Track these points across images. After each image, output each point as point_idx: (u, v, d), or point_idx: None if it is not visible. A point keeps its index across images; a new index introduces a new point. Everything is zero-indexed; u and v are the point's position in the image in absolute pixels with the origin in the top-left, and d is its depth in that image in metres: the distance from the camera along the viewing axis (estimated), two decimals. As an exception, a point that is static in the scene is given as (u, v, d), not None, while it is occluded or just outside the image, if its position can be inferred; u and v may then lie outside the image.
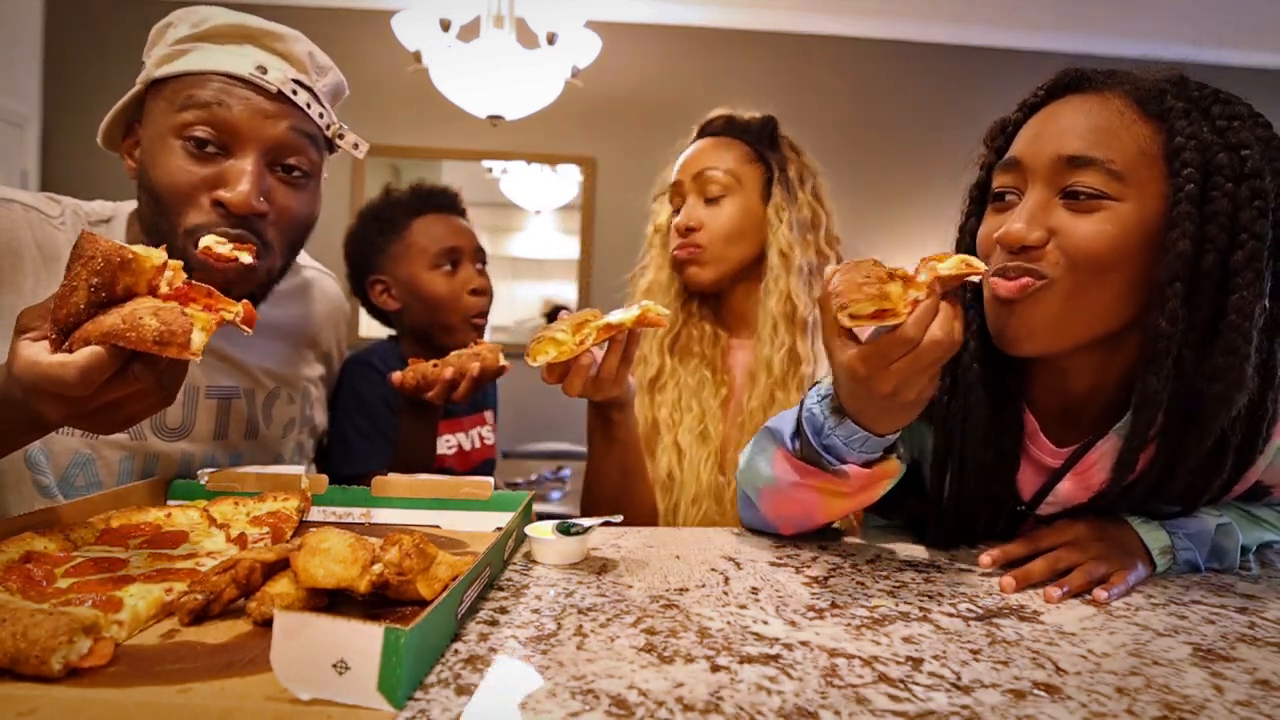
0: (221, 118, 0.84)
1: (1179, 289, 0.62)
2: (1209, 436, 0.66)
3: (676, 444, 1.19)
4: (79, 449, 0.88)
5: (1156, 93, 0.67)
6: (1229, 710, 0.46)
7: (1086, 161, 0.64)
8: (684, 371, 1.23)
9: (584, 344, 0.80)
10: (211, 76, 0.86)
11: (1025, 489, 0.78)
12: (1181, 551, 0.75)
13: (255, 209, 0.85)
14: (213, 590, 0.53)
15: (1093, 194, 0.64)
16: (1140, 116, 0.66)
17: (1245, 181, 0.62)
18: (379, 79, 3.65)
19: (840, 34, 3.96)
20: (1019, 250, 0.66)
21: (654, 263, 1.31)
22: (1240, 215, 0.62)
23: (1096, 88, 0.69)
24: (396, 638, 0.40)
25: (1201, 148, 0.63)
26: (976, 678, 0.49)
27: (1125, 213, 0.64)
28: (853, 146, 3.87)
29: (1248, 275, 0.61)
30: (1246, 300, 0.61)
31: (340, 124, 0.97)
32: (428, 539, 0.58)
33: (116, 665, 0.46)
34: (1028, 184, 0.68)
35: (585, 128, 3.74)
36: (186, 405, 0.95)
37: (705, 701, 0.45)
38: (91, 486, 0.89)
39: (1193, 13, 3.70)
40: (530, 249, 4.11)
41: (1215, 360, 0.63)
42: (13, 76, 3.60)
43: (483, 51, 2.55)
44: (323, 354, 1.15)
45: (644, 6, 3.83)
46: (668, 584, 0.67)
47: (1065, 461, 0.75)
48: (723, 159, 1.22)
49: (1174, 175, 0.64)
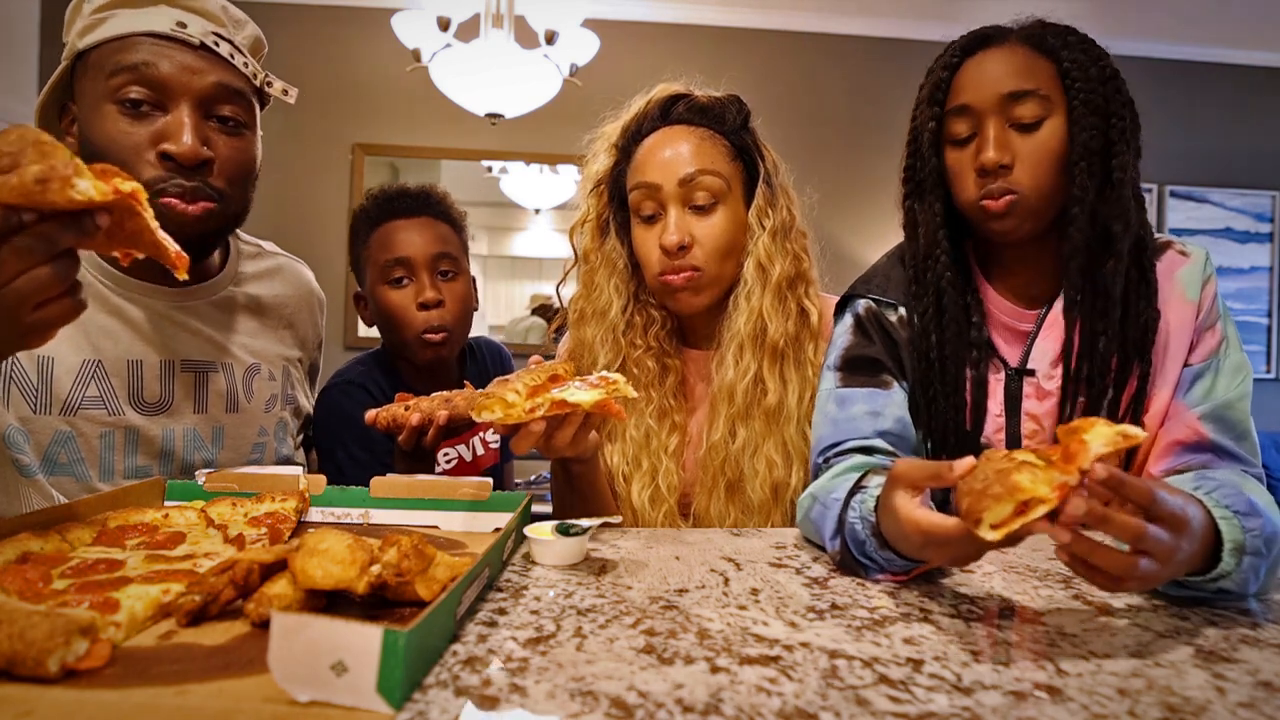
0: (151, 75, 0.87)
1: (1083, 166, 0.84)
2: (1124, 257, 0.86)
3: (631, 503, 1.07)
4: (59, 427, 0.89)
5: (1040, 36, 0.88)
6: (1231, 712, 0.45)
7: (1024, 94, 0.85)
8: (629, 421, 1.08)
9: (534, 413, 0.75)
10: (135, 38, 0.88)
11: (1010, 356, 0.93)
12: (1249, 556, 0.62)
13: (200, 156, 0.88)
14: (210, 591, 0.53)
15: (1035, 120, 0.85)
16: (1038, 54, 0.87)
17: (1108, 82, 0.86)
18: (379, 78, 3.64)
19: (840, 32, 3.96)
20: (995, 170, 0.85)
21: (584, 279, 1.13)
22: (1110, 105, 0.86)
23: (1000, 40, 0.89)
24: (395, 639, 0.40)
25: (1080, 66, 0.85)
26: (977, 679, 0.49)
27: (1054, 125, 0.85)
28: (852, 144, 3.87)
29: (1121, 144, 0.85)
30: (1124, 161, 0.85)
31: (266, 73, 0.98)
32: (426, 540, 0.58)
33: (114, 666, 0.46)
34: (982, 122, 0.87)
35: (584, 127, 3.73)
36: (162, 379, 0.96)
37: (705, 703, 0.44)
38: (75, 463, 0.90)
39: (1193, 13, 3.71)
40: (530, 248, 4.11)
41: (1112, 206, 0.86)
42: (11, 76, 3.59)
43: (482, 50, 2.55)
44: (299, 338, 1.15)
45: (643, 6, 3.83)
46: (667, 585, 0.67)
47: (1035, 323, 0.92)
48: (708, 158, 1.04)
49: (1069, 89, 0.85)
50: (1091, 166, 0.85)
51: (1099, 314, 0.87)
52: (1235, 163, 4.06)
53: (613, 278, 1.11)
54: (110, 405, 0.92)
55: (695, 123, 1.07)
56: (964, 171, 0.89)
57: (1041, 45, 0.87)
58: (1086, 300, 0.87)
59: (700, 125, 1.07)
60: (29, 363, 0.89)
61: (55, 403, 0.89)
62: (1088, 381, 0.88)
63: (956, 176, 0.90)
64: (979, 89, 0.87)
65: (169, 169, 0.87)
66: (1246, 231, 4.10)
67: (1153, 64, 3.95)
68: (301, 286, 1.17)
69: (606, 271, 1.11)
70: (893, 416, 0.90)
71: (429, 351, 1.22)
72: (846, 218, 3.65)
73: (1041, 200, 0.86)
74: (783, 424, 1.04)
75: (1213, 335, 0.88)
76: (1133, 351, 0.87)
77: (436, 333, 1.21)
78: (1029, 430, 0.92)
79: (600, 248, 1.12)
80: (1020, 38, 0.88)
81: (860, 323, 0.97)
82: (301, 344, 1.15)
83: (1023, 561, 0.78)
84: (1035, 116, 0.85)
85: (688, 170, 1.03)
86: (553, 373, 0.79)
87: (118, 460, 0.92)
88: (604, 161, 1.13)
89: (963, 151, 0.89)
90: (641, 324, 1.11)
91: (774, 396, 1.04)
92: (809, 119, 3.82)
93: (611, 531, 0.86)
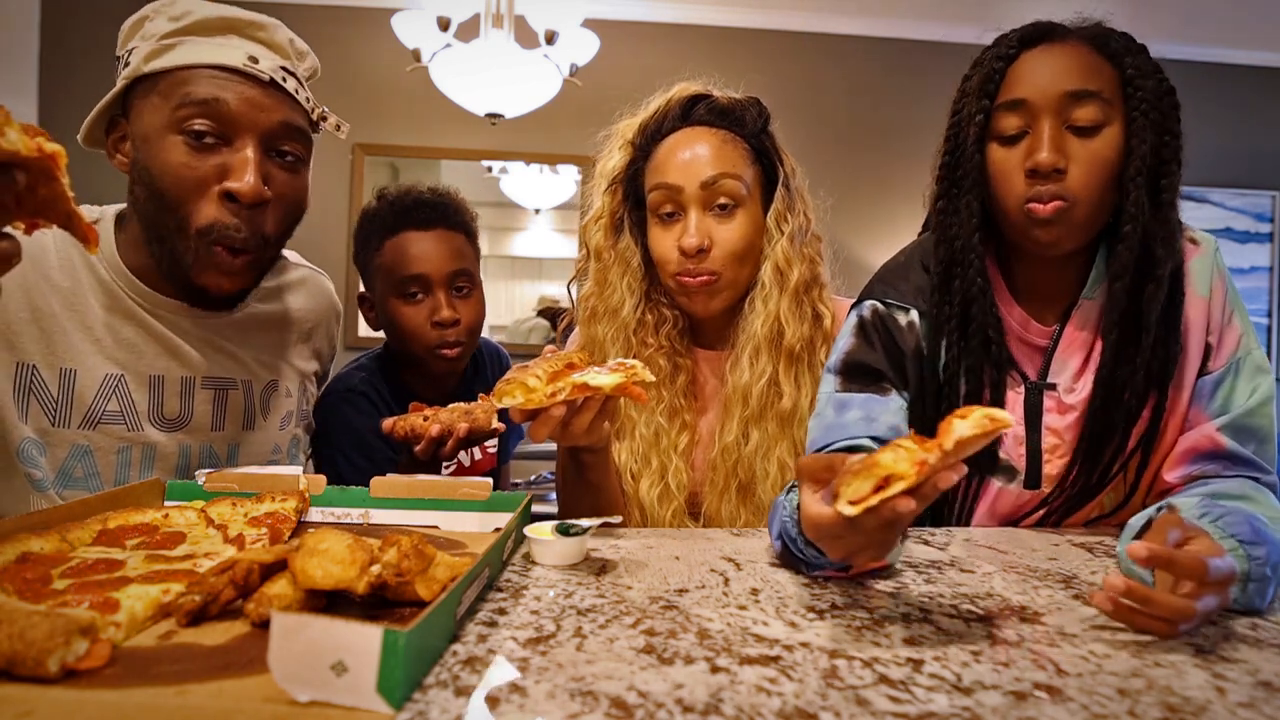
0: (220, 110, 0.86)
1: (1140, 182, 0.80)
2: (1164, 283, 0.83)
3: (640, 501, 1.07)
4: (76, 441, 0.89)
5: (1104, 38, 0.84)
6: (1231, 712, 0.45)
7: (1088, 95, 0.80)
8: (639, 419, 1.09)
9: (554, 397, 0.76)
10: (204, 70, 0.87)
11: (1029, 369, 0.91)
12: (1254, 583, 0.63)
13: (263, 196, 0.87)
14: (210, 591, 0.53)
15: (1094, 124, 0.80)
16: (1102, 57, 0.82)
17: (1166, 97, 0.82)
18: (379, 78, 3.64)
19: (840, 32, 3.96)
20: (1049, 174, 0.80)
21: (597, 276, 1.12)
22: (1166, 122, 0.81)
23: (1062, 37, 0.84)
24: (395, 639, 0.40)
25: (1143, 76, 0.81)
26: (977, 679, 0.49)
27: (1113, 134, 0.81)
28: (852, 144, 3.87)
29: (1173, 164, 0.82)
30: (1173, 182, 0.82)
31: (322, 106, 0.98)
32: (426, 540, 0.58)
33: (114, 667, 0.46)
34: (1036, 120, 0.81)
35: (584, 127, 3.72)
36: (183, 395, 0.95)
37: (705, 703, 0.44)
38: (90, 477, 0.90)
39: (1193, 12, 3.71)
40: (530, 248, 4.11)
41: (1160, 227, 0.82)
42: (12, 76, 3.59)
43: (482, 50, 2.56)
44: (316, 351, 1.15)
45: (643, 6, 3.83)
46: (667, 585, 0.67)
47: (1052, 337, 0.90)
48: (730, 161, 1.04)
49: (1129, 98, 0.81)
50: (1147, 183, 0.80)
51: (1131, 338, 0.84)
52: (1235, 163, 4.06)
53: (626, 275, 1.10)
54: (130, 420, 0.92)
55: (716, 125, 1.07)
56: (1011, 171, 0.83)
57: (1105, 48, 0.83)
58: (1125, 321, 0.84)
59: (721, 127, 1.06)
60: (50, 375, 0.88)
61: (75, 416, 0.89)
62: (1106, 401, 0.86)
63: (1001, 176, 0.84)
64: (1038, 84, 0.81)
65: (230, 210, 0.87)
66: (1246, 231, 4.11)
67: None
68: (323, 300, 1.16)
69: (620, 269, 1.10)
70: (886, 424, 0.87)
71: (442, 365, 1.22)
72: (846, 218, 3.64)
73: (1091, 211, 0.81)
74: (795, 427, 1.05)
75: (1231, 334, 0.86)
76: (1153, 382, 0.85)
77: (451, 348, 1.20)
78: (1050, 444, 0.90)
79: (614, 245, 1.12)
80: (1083, 37, 0.84)
81: (864, 326, 0.93)
82: (317, 356, 1.15)
83: (1023, 561, 0.78)
84: (1095, 121, 0.80)
85: (709, 173, 1.03)
86: (569, 360, 0.80)
87: (133, 476, 0.92)
88: (619, 158, 1.12)
89: (1010, 150, 0.83)
90: (653, 323, 1.11)
91: (788, 400, 1.04)
92: (809, 119, 3.82)
93: (611, 531, 0.86)
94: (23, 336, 0.87)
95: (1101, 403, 0.86)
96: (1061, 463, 0.90)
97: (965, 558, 0.79)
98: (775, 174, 1.08)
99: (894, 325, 0.92)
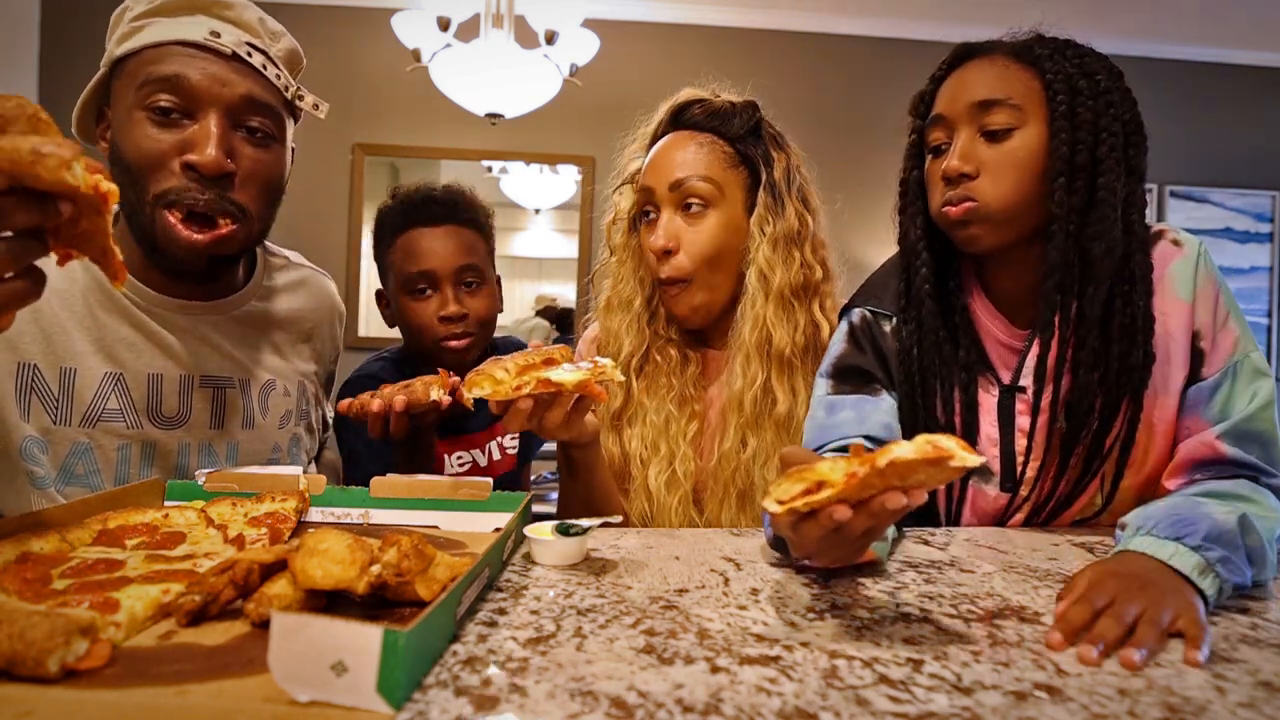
0: (181, 84, 0.87)
1: (1062, 181, 0.83)
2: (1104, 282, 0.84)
3: (647, 487, 1.08)
4: (77, 439, 0.90)
5: (1027, 47, 0.87)
6: (1231, 712, 0.46)
7: (993, 103, 0.84)
8: (650, 406, 1.11)
9: (520, 390, 0.77)
10: (168, 46, 0.88)
11: (1003, 373, 0.92)
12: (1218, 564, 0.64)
13: (224, 168, 0.87)
14: (210, 591, 0.53)
15: (1003, 128, 0.84)
16: (1020, 65, 0.86)
17: (1100, 97, 0.84)
18: (379, 78, 3.64)
19: (840, 32, 3.97)
20: (958, 179, 0.85)
21: (614, 271, 1.17)
22: (1099, 121, 0.83)
23: (984, 53, 0.89)
24: (395, 639, 0.40)
25: (1066, 78, 0.84)
26: (977, 679, 0.49)
27: (1027, 136, 0.84)
28: (851, 144, 3.87)
29: (1109, 163, 0.83)
30: (1110, 180, 0.83)
31: (299, 86, 0.98)
32: (426, 540, 0.58)
33: (114, 667, 0.46)
34: (954, 131, 0.87)
35: (584, 127, 3.73)
36: (181, 394, 0.96)
37: (705, 703, 0.44)
38: (91, 475, 0.91)
39: (1193, 12, 3.71)
40: (530, 248, 4.11)
41: (1094, 226, 0.83)
42: (12, 76, 3.59)
43: (482, 50, 2.56)
44: (317, 352, 1.15)
45: (643, 6, 3.83)
46: (667, 585, 0.67)
47: (1026, 340, 0.91)
48: (702, 163, 1.06)
49: (1050, 100, 0.84)
50: (1072, 183, 0.82)
51: (1079, 340, 0.85)
52: (1235, 163, 4.06)
53: (638, 270, 1.15)
54: (129, 418, 0.92)
55: (701, 128, 1.09)
56: (935, 181, 0.88)
57: (1026, 56, 0.86)
58: (1066, 324, 0.86)
59: (704, 130, 1.09)
60: (51, 374, 0.89)
61: (76, 414, 0.90)
62: (1068, 407, 0.87)
63: (931, 186, 0.90)
64: (953, 99, 0.87)
65: (190, 179, 0.87)
66: (1246, 231, 4.10)
67: (1153, 64, 3.95)
68: (324, 300, 1.16)
69: (632, 264, 1.15)
70: (879, 422, 0.89)
71: (449, 357, 1.23)
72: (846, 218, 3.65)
73: (1005, 210, 0.84)
74: (793, 434, 1.05)
75: (1226, 337, 0.85)
76: (1120, 390, 0.85)
77: (459, 339, 1.22)
78: (1021, 447, 0.91)
79: (628, 242, 1.16)
80: (1006, 50, 0.88)
81: (854, 332, 0.97)
82: (318, 358, 1.15)
83: (1023, 561, 0.78)
84: (1004, 125, 0.84)
85: (677, 175, 1.06)
86: (548, 356, 0.81)
87: (133, 474, 0.93)
88: (637, 163, 1.17)
89: (936, 162, 0.89)
90: (665, 315, 1.15)
91: (783, 406, 1.05)
92: (809, 119, 3.81)
93: (611, 531, 0.86)
94: (24, 337, 0.88)
95: (1065, 406, 0.87)
96: (1035, 466, 0.91)
97: (965, 558, 0.79)
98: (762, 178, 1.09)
99: (879, 331, 0.96)
